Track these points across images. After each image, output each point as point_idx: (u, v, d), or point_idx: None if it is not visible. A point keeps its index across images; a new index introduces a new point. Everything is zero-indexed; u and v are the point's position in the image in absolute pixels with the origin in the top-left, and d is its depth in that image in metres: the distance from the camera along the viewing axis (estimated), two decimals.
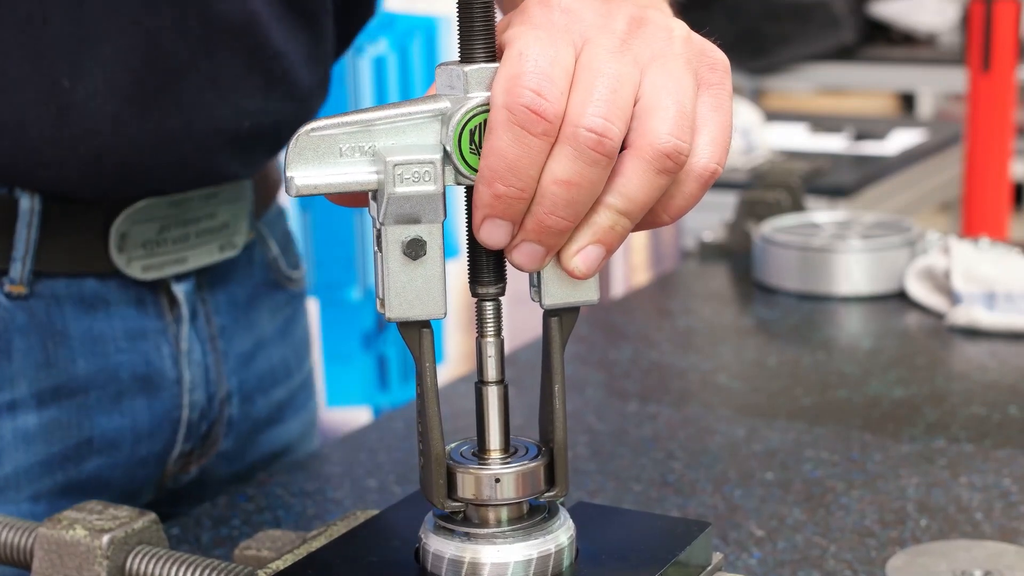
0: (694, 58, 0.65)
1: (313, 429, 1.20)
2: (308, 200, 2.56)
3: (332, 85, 1.05)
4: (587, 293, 0.65)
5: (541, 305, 0.65)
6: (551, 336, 0.66)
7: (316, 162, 0.62)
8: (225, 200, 1.00)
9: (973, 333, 1.37)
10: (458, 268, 0.65)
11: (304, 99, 0.99)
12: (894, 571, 0.86)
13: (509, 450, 0.67)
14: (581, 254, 0.63)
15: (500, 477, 0.65)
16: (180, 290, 0.99)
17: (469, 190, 0.64)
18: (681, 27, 0.66)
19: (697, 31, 0.68)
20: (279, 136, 1.01)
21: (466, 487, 0.65)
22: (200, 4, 0.88)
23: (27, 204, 0.90)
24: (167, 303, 0.99)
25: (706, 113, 0.64)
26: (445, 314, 0.63)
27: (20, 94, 0.86)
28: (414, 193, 0.61)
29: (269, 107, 0.96)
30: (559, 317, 0.66)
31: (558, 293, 0.65)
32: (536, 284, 0.65)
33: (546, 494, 0.67)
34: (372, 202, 0.63)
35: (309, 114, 1.02)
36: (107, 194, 0.93)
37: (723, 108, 0.65)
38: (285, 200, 1.16)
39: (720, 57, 0.66)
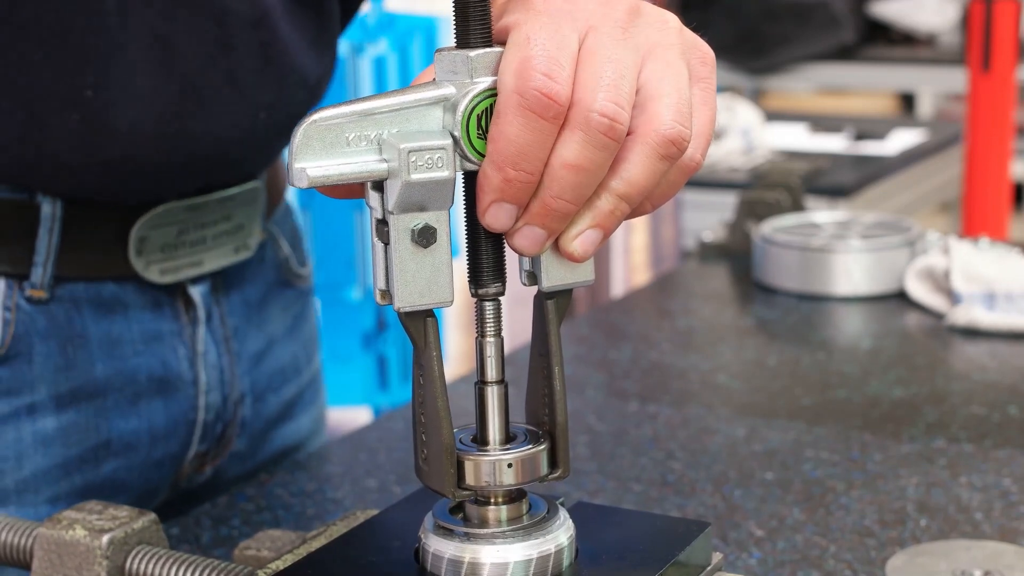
0: (687, 49, 0.66)
1: (322, 425, 1.20)
2: (308, 199, 2.56)
3: (333, 85, 1.06)
4: (584, 274, 0.66)
5: (540, 287, 0.65)
6: (548, 318, 0.66)
7: (324, 152, 0.61)
8: (240, 203, 1.00)
9: (973, 333, 1.37)
10: (458, 268, 0.64)
11: (314, 86, 1.00)
12: (894, 571, 0.86)
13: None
14: (580, 238, 0.63)
15: (512, 462, 0.65)
16: (196, 292, 1.00)
17: (468, 176, 0.64)
18: (674, 19, 0.67)
19: (691, 30, 0.68)
20: (293, 125, 1.01)
21: (476, 474, 0.65)
22: (213, 5, 0.89)
23: (48, 209, 0.91)
24: (183, 305, 0.99)
25: (696, 106, 0.65)
26: (452, 301, 0.63)
27: (43, 104, 0.87)
28: (428, 180, 0.61)
29: (283, 98, 0.96)
30: (555, 299, 0.66)
31: (557, 275, 0.65)
32: (532, 267, 0.65)
33: (550, 476, 0.67)
34: (372, 192, 0.62)
35: (318, 100, 1.02)
36: (128, 198, 0.93)
37: (710, 103, 0.67)
38: (291, 197, 1.16)
39: (709, 52, 0.68)
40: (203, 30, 0.89)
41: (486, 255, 0.65)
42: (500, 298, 0.66)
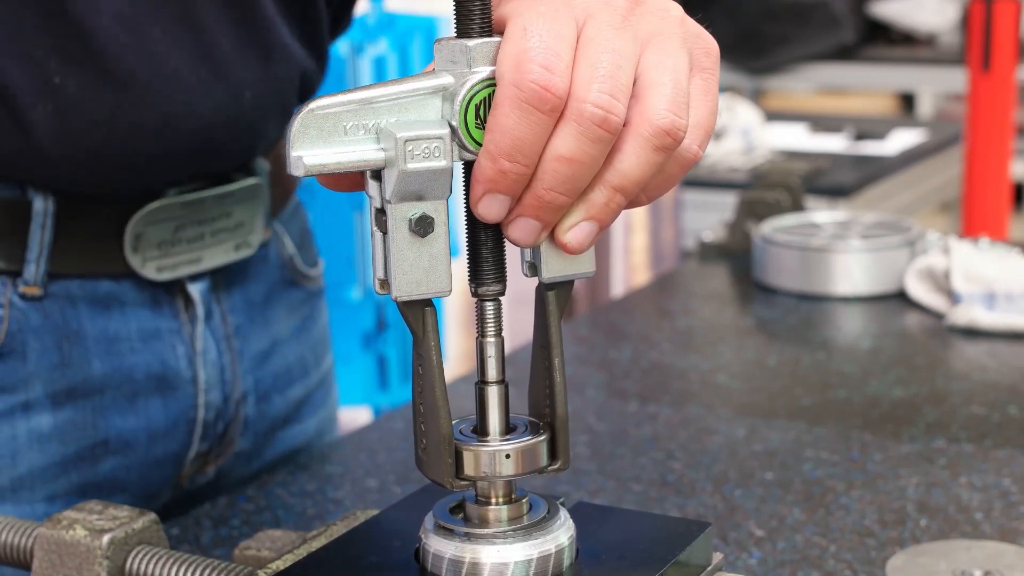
0: (689, 39, 0.65)
1: (332, 426, 1.20)
2: (308, 199, 2.56)
3: (333, 85, 1.05)
4: (585, 265, 0.65)
5: (540, 279, 0.65)
6: (548, 310, 0.66)
7: (321, 141, 0.61)
8: (240, 199, 0.99)
9: (973, 333, 1.37)
10: (459, 268, 0.64)
11: (305, 70, 0.99)
12: (894, 571, 0.86)
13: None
14: (574, 230, 0.63)
15: (510, 452, 0.65)
16: (195, 290, 0.99)
17: (468, 167, 0.64)
18: (676, 7, 0.66)
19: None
20: (284, 106, 0.99)
21: (474, 464, 0.65)
22: None
23: (40, 205, 0.90)
24: (182, 303, 0.99)
25: (696, 96, 0.64)
26: (450, 291, 0.63)
27: (17, 95, 0.86)
28: (425, 169, 0.61)
29: (269, 75, 0.95)
30: (555, 291, 0.66)
31: (557, 266, 0.65)
32: (532, 258, 0.65)
33: (549, 468, 0.67)
34: (371, 181, 0.62)
35: (311, 90, 1.01)
36: (121, 189, 0.93)
37: (712, 94, 0.65)
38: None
39: (713, 44, 0.67)
40: (168, 11, 0.88)
41: (486, 251, 0.65)
42: (500, 298, 0.66)
